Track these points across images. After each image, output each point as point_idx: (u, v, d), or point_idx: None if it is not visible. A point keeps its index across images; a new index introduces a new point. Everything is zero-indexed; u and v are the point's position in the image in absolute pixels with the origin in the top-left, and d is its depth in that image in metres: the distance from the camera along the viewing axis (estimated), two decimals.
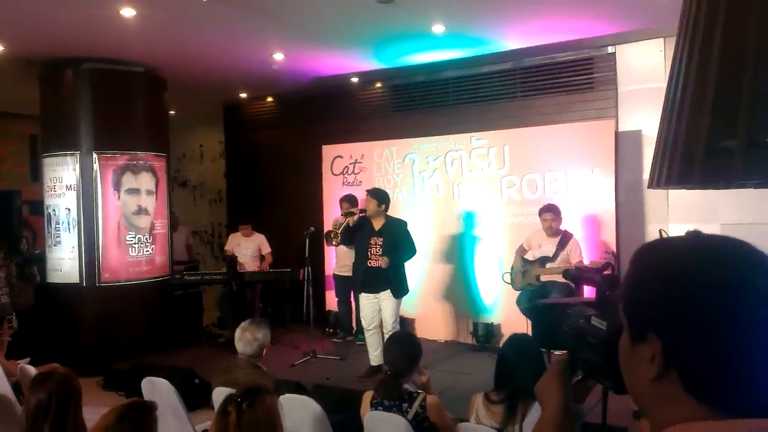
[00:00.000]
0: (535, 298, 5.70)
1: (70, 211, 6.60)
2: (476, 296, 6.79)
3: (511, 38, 6.04)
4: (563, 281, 5.63)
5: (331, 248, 7.22)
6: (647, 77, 5.99)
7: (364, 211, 5.57)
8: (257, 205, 8.64)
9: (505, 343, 3.05)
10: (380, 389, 3.15)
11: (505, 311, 6.47)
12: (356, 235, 5.54)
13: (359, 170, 7.53)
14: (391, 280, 5.40)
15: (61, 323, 6.55)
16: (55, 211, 6.69)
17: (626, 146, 6.11)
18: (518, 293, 5.97)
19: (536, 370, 2.79)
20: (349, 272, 6.75)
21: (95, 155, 6.57)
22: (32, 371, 3.40)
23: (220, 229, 10.36)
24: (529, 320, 5.75)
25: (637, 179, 6.04)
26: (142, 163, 6.82)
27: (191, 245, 8.88)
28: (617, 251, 5.93)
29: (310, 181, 7.92)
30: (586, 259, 5.81)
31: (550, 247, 5.78)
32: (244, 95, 8.74)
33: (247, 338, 3.50)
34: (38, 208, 7.33)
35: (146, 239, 6.82)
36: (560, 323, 1.08)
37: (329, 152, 7.78)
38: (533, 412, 2.72)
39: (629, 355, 0.83)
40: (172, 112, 8.02)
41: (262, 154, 8.81)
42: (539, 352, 3.00)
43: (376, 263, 5.39)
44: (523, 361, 2.80)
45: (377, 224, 5.48)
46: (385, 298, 5.42)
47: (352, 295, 6.91)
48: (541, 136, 6.42)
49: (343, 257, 6.86)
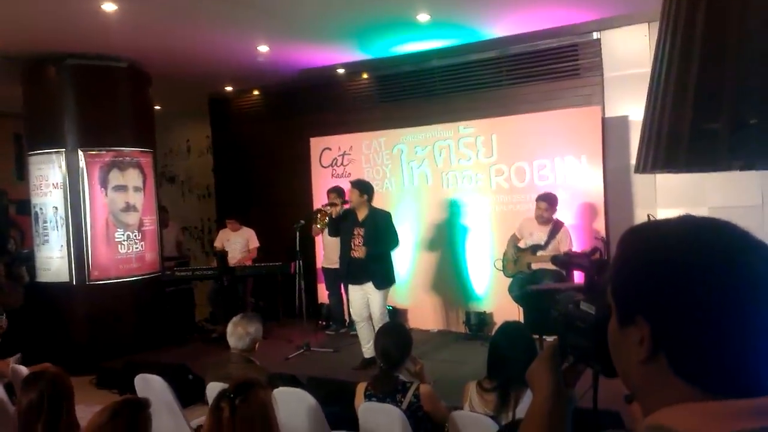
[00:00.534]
0: (526, 285, 5.72)
1: (57, 209, 6.54)
2: (468, 285, 6.81)
3: (496, 26, 6.03)
4: (554, 269, 5.66)
5: (319, 241, 7.22)
6: (632, 63, 6.00)
7: (346, 202, 5.59)
8: (246, 199, 8.61)
9: (497, 331, 3.06)
10: (374, 380, 3.17)
11: (497, 300, 6.49)
12: (341, 226, 5.55)
13: (348, 162, 7.51)
14: (372, 271, 5.39)
15: (52, 322, 6.51)
16: (42, 209, 6.63)
17: (613, 132, 6.14)
18: (510, 281, 5.99)
19: (528, 357, 2.80)
20: (336, 264, 6.76)
21: (81, 152, 6.51)
22: (24, 371, 3.38)
23: (209, 224, 10.32)
24: (520, 308, 5.78)
25: (624, 165, 6.06)
26: (128, 159, 6.77)
27: (182, 241, 8.84)
28: (606, 237, 5.96)
29: (298, 173, 7.89)
30: (576, 247, 5.83)
31: (541, 235, 5.80)
32: (229, 89, 8.68)
33: (239, 333, 3.50)
34: (25, 207, 7.26)
35: (135, 236, 6.78)
36: (550, 309, 1.09)
37: (317, 144, 7.76)
38: (526, 399, 2.73)
39: (618, 338, 0.83)
40: (157, 107, 7.95)
41: (249, 147, 8.76)
42: (531, 339, 3.02)
43: (357, 254, 5.40)
44: (515, 348, 2.81)
45: (361, 215, 5.49)
46: (369, 290, 5.43)
47: (342, 287, 6.92)
48: (528, 123, 6.43)
49: (330, 250, 6.86)
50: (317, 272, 7.44)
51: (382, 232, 5.45)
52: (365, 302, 5.49)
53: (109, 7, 5.00)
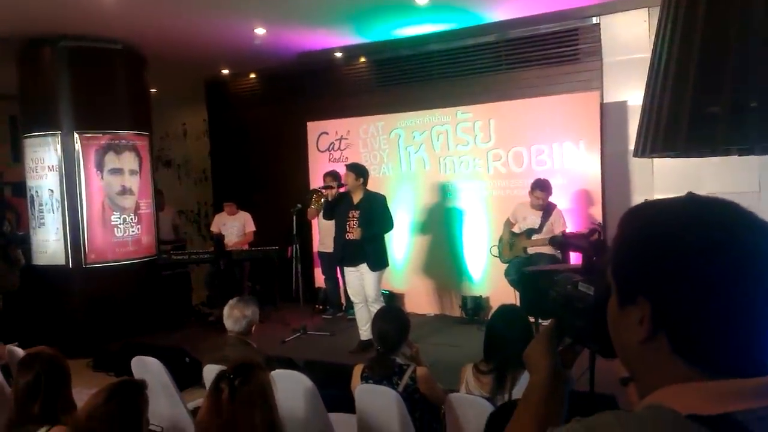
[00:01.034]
0: (523, 269, 5.73)
1: (53, 192, 6.51)
2: (464, 270, 6.82)
3: (495, 10, 5.98)
4: (550, 252, 5.69)
5: (315, 225, 7.22)
6: (632, 48, 5.98)
7: (342, 185, 5.60)
8: (243, 183, 8.59)
9: (493, 314, 3.07)
10: (370, 363, 3.18)
11: (493, 284, 6.51)
12: (336, 209, 5.59)
13: (345, 146, 7.49)
14: (367, 252, 5.44)
15: (48, 305, 6.51)
16: (37, 192, 6.61)
17: (611, 117, 6.12)
18: (506, 266, 6.00)
19: (525, 340, 2.80)
20: (331, 248, 6.77)
21: (76, 135, 6.47)
22: (20, 353, 3.38)
23: (206, 208, 10.30)
24: (517, 292, 5.80)
25: (622, 150, 6.06)
26: (124, 142, 6.74)
27: (178, 225, 8.82)
28: (603, 222, 5.97)
29: (295, 158, 7.86)
30: (570, 229, 5.84)
31: (534, 219, 5.81)
32: (226, 72, 8.62)
33: (235, 316, 3.50)
34: (21, 189, 7.23)
35: (132, 219, 6.77)
36: (547, 291, 1.09)
37: (314, 129, 7.73)
38: (522, 381, 2.75)
39: (618, 318, 0.83)
40: (153, 90, 7.90)
41: (246, 131, 8.72)
42: (528, 322, 3.03)
43: (352, 236, 5.46)
44: (511, 331, 2.82)
45: (356, 198, 5.54)
46: (364, 271, 5.49)
47: (338, 271, 6.94)
48: (526, 108, 6.41)
49: (325, 234, 6.86)
50: (314, 256, 7.44)
51: (377, 214, 5.49)
52: (362, 284, 5.53)
53: None
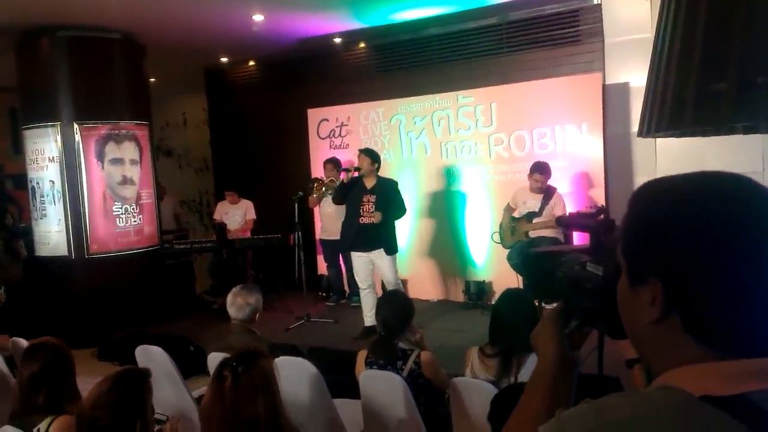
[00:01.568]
0: (525, 253, 5.72)
1: (54, 183, 6.51)
2: (467, 255, 6.81)
3: None
4: (552, 236, 5.67)
5: (317, 213, 7.20)
6: (634, 28, 5.91)
7: (358, 169, 5.58)
8: (244, 171, 8.56)
9: (499, 298, 3.06)
10: (374, 349, 3.17)
11: (495, 269, 6.50)
12: (349, 194, 5.57)
13: (346, 133, 7.45)
14: (384, 237, 5.47)
15: (52, 296, 6.52)
16: (39, 184, 6.60)
17: (614, 99, 6.08)
18: (509, 250, 5.99)
19: (530, 324, 2.79)
20: (333, 236, 6.77)
21: (76, 126, 6.46)
22: (24, 344, 3.38)
23: (208, 197, 10.28)
24: (520, 276, 5.79)
25: (625, 132, 6.02)
26: (124, 132, 6.72)
27: (179, 214, 8.82)
28: (606, 204, 5.94)
29: (296, 145, 7.84)
30: (571, 208, 5.83)
31: (534, 202, 5.80)
32: (225, 60, 8.57)
33: (239, 303, 3.50)
34: (22, 181, 7.22)
35: (133, 209, 6.76)
36: (554, 272, 1.07)
37: (315, 115, 7.69)
38: (528, 365, 2.74)
39: (628, 298, 0.81)
40: (152, 79, 7.86)
41: (246, 119, 8.69)
42: (533, 306, 3.01)
43: (368, 220, 5.45)
44: (517, 315, 2.81)
45: (369, 183, 5.54)
46: (378, 256, 5.49)
47: (340, 258, 6.94)
48: (528, 91, 6.36)
49: (327, 222, 6.85)
50: (316, 244, 7.44)
51: (392, 199, 5.55)
52: (371, 269, 5.57)
53: None
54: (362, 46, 7.62)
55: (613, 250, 0.84)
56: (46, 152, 6.52)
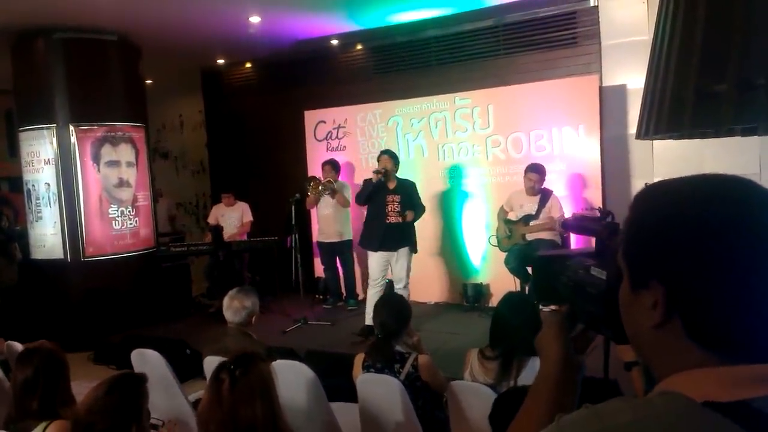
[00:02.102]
0: (522, 256, 5.71)
1: (49, 185, 6.48)
2: (465, 257, 6.80)
3: None
4: (549, 239, 5.67)
5: (314, 215, 7.18)
6: (630, 30, 5.92)
7: (385, 170, 5.67)
8: (241, 173, 8.54)
9: (500, 301, 3.05)
10: (372, 352, 3.16)
11: (493, 271, 6.49)
12: (364, 191, 5.71)
13: (343, 135, 7.44)
14: (410, 236, 5.72)
15: (47, 299, 6.49)
16: (34, 186, 6.57)
17: (611, 101, 6.08)
18: (506, 254, 5.98)
19: (531, 327, 2.79)
20: (330, 239, 6.76)
21: (72, 128, 6.43)
22: (19, 348, 3.36)
23: (204, 199, 10.25)
24: (517, 279, 5.79)
25: (622, 134, 6.02)
26: (120, 134, 6.69)
27: (174, 216, 8.79)
28: (603, 207, 5.92)
29: (293, 147, 7.82)
30: (568, 213, 5.82)
31: (531, 205, 5.79)
32: (222, 61, 8.55)
33: (235, 306, 3.47)
34: (18, 184, 7.19)
35: (129, 212, 6.73)
36: (559, 276, 1.06)
37: (312, 117, 7.67)
38: (527, 369, 2.73)
39: (630, 303, 0.80)
40: (149, 81, 7.84)
41: (243, 121, 8.67)
42: (535, 309, 3.01)
43: (395, 219, 5.62)
44: (518, 318, 2.80)
45: (391, 184, 5.69)
46: (402, 254, 5.69)
47: (337, 261, 6.92)
48: (525, 94, 6.36)
49: (324, 224, 6.83)
50: (313, 246, 7.42)
51: (416, 198, 5.78)
52: (387, 267, 5.73)
53: None
54: (359, 48, 7.61)
55: (616, 253, 0.83)
56: (41, 154, 6.49)
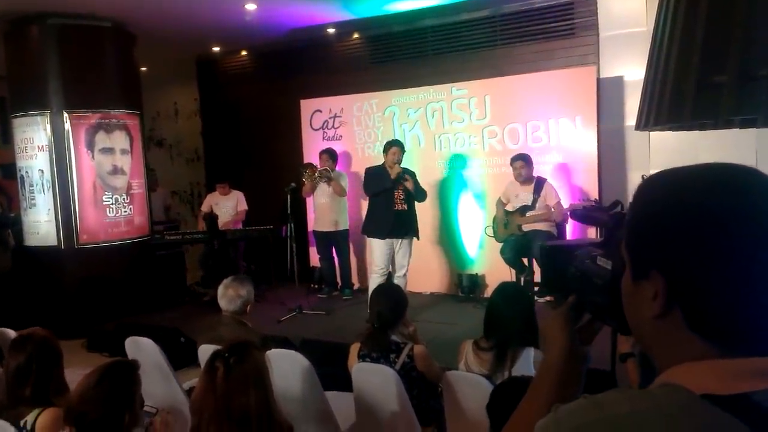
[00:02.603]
0: (518, 247, 5.72)
1: (43, 172, 6.43)
2: (460, 247, 6.80)
3: None
4: (545, 229, 5.67)
5: (310, 204, 7.17)
6: (628, 22, 5.90)
7: (406, 170, 5.85)
8: (236, 162, 8.51)
9: (494, 291, 3.04)
10: (367, 341, 3.15)
11: (489, 262, 6.50)
12: (379, 184, 5.80)
13: (339, 124, 7.41)
14: (414, 222, 5.89)
15: (41, 287, 6.46)
16: (28, 173, 6.52)
17: (608, 93, 6.06)
18: (502, 244, 5.98)
19: (525, 318, 2.80)
20: (326, 227, 6.74)
21: (66, 114, 6.38)
22: (12, 334, 3.34)
23: (199, 188, 10.21)
24: (513, 269, 5.79)
25: (618, 126, 6.01)
26: (114, 121, 6.64)
27: (170, 206, 8.76)
28: (600, 199, 5.94)
29: (289, 136, 7.78)
30: (564, 200, 5.83)
31: (526, 195, 5.80)
32: (217, 49, 8.49)
33: (230, 295, 3.46)
34: (12, 171, 7.13)
35: (124, 199, 6.70)
36: (566, 265, 1.05)
37: (308, 106, 7.64)
38: (522, 359, 2.73)
39: (631, 293, 0.79)
40: (143, 69, 7.78)
41: (238, 110, 8.63)
42: (529, 300, 3.01)
43: (401, 207, 5.77)
44: (512, 309, 2.80)
45: (394, 172, 5.77)
46: (406, 242, 5.83)
47: (333, 250, 6.91)
48: (522, 84, 6.34)
49: (320, 213, 6.82)
50: (308, 235, 7.40)
51: (418, 185, 5.89)
52: (391, 255, 5.84)
53: None
54: (356, 36, 7.57)
55: (620, 244, 0.82)
56: (35, 141, 6.44)
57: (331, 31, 7.49)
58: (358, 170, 6.92)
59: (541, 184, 5.78)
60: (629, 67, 5.87)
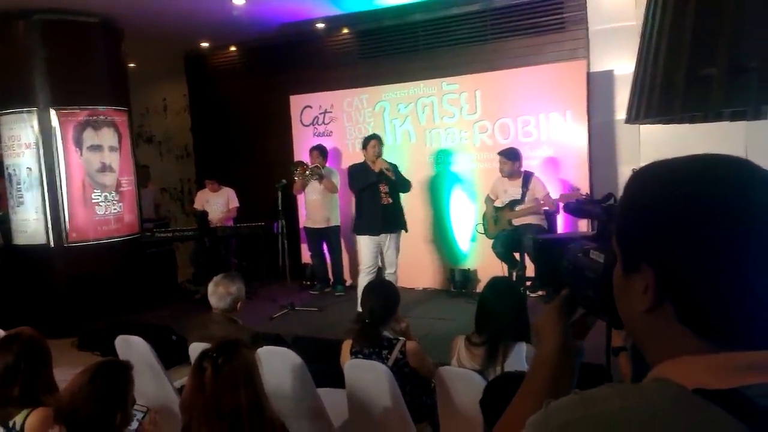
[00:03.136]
0: (510, 242, 5.73)
1: (31, 170, 6.37)
2: (452, 243, 6.80)
3: None
4: (536, 223, 5.69)
5: (301, 201, 7.14)
6: (618, 16, 5.90)
7: (388, 163, 5.78)
8: (226, 159, 8.46)
9: (485, 286, 3.04)
10: (360, 338, 3.14)
11: (481, 257, 6.50)
12: (364, 180, 5.74)
13: (329, 120, 7.38)
14: (401, 216, 5.84)
15: (30, 285, 6.41)
16: (15, 171, 6.46)
17: (598, 87, 6.07)
18: (493, 239, 5.98)
19: (516, 312, 2.80)
20: (318, 224, 6.73)
21: (53, 111, 6.32)
22: (1, 334, 3.31)
23: (189, 185, 10.17)
24: (505, 264, 5.80)
25: (609, 120, 6.02)
26: (102, 118, 6.59)
27: (160, 204, 8.71)
28: (590, 193, 5.95)
29: (279, 132, 7.74)
30: (553, 193, 5.84)
31: (515, 189, 5.81)
32: (206, 45, 8.43)
33: (220, 293, 3.44)
34: (0, 170, 7.07)
35: (113, 197, 6.65)
36: (559, 259, 1.04)
37: (298, 102, 7.60)
38: (514, 354, 2.73)
39: (622, 286, 0.78)
40: (132, 65, 7.72)
41: (228, 106, 8.57)
42: (520, 295, 3.01)
43: (387, 200, 5.72)
44: (503, 303, 2.80)
45: (377, 166, 5.71)
46: (394, 238, 5.78)
47: (324, 246, 6.90)
48: (512, 79, 6.34)
49: (311, 210, 6.80)
50: (300, 232, 7.38)
51: (400, 176, 5.86)
52: (378, 254, 5.77)
53: None
54: (345, 31, 7.53)
55: (611, 237, 0.81)
56: (22, 138, 6.37)
57: (320, 26, 7.45)
58: (348, 166, 6.90)
59: (528, 177, 5.79)
60: (619, 61, 5.88)
